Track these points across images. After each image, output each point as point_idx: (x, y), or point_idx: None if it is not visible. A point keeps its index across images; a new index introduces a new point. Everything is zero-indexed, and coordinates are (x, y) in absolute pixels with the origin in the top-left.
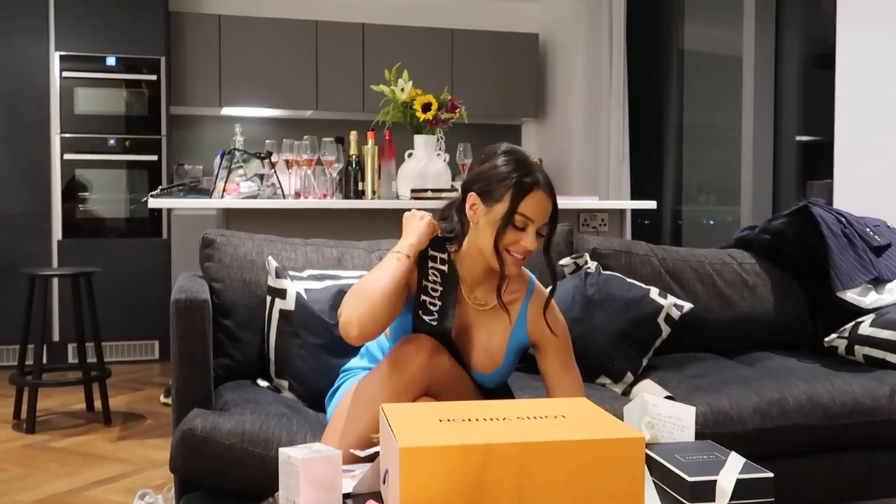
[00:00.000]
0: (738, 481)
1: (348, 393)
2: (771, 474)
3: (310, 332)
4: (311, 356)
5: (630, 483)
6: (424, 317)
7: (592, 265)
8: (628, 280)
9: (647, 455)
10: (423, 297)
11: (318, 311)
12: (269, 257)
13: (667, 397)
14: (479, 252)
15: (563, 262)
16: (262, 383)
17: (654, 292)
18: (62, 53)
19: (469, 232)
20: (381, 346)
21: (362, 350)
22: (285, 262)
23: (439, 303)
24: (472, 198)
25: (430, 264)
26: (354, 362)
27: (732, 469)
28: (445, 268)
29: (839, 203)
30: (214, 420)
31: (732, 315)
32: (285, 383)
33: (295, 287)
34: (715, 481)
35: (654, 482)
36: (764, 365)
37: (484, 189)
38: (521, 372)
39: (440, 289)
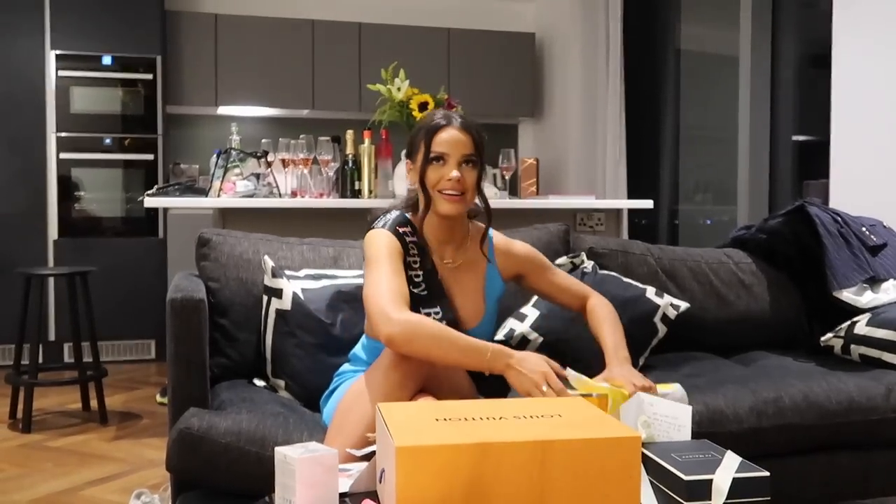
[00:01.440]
0: (734, 480)
1: (348, 393)
2: (767, 473)
3: (306, 332)
4: (308, 355)
5: (626, 482)
6: (414, 290)
7: (589, 264)
8: (624, 279)
9: (643, 454)
10: (408, 272)
11: (315, 311)
12: (266, 256)
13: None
14: (430, 210)
15: (559, 261)
16: (259, 383)
17: (650, 292)
18: (58, 52)
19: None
20: (365, 347)
21: (350, 354)
22: (282, 262)
23: (421, 272)
24: (407, 164)
25: (407, 239)
26: (346, 367)
27: (728, 468)
28: (416, 239)
29: (835, 203)
30: (211, 419)
31: (728, 314)
32: (282, 382)
33: (291, 286)
34: (711, 480)
35: (650, 481)
36: (760, 364)
37: (409, 150)
38: None
39: (419, 259)
